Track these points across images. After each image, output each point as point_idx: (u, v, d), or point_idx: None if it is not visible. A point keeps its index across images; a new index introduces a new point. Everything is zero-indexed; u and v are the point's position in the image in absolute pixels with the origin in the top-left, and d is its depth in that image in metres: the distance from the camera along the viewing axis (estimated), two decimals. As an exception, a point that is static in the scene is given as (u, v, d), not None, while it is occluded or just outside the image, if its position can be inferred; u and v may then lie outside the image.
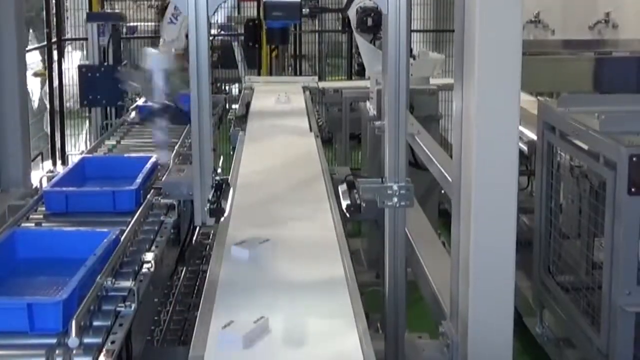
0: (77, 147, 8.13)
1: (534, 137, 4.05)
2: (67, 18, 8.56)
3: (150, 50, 3.05)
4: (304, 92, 5.75)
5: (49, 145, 7.68)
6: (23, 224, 2.69)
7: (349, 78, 8.68)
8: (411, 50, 2.13)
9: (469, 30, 2.29)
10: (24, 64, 3.96)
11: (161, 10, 3.39)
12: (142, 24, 8.78)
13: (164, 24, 3.33)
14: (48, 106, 7.95)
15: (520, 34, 2.25)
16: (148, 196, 2.92)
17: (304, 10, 2.31)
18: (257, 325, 1.88)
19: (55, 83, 7.72)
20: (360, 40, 5.61)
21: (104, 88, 5.07)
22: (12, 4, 3.80)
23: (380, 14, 5.11)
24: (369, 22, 5.44)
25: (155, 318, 3.26)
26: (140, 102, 4.82)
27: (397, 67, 2.26)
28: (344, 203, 2.34)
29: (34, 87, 8.89)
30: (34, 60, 8.64)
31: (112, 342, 1.90)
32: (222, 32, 8.99)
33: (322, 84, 6.56)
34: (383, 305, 2.63)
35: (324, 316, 2.02)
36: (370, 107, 5.34)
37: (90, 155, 3.65)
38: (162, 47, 3.23)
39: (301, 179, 3.30)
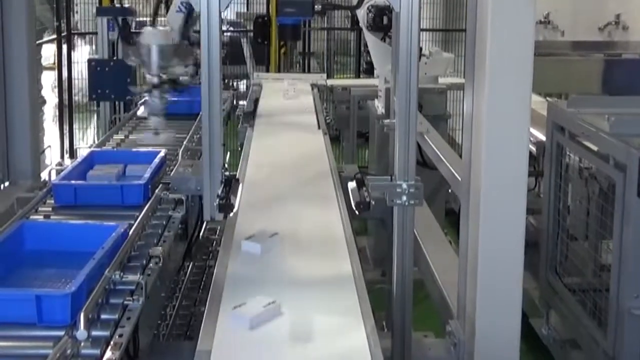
0: (85, 140, 8.15)
1: (542, 137, 4.04)
2: (77, 12, 8.57)
3: (148, 28, 3.15)
4: (312, 89, 5.74)
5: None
6: (32, 216, 2.70)
7: (357, 76, 8.67)
8: (420, 49, 2.12)
9: (481, 31, 2.28)
10: (34, 56, 3.96)
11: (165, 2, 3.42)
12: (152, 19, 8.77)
13: (172, 13, 3.37)
14: (57, 99, 7.95)
15: (532, 36, 2.25)
16: (156, 191, 2.92)
17: (316, 6, 2.29)
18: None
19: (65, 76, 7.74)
20: (370, 39, 5.60)
21: (112, 82, 5.07)
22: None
23: (391, 13, 5.11)
24: (383, 20, 5.41)
25: (162, 312, 3.26)
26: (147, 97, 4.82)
27: (409, 65, 2.25)
28: (354, 200, 2.33)
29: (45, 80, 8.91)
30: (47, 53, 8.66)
31: (120, 336, 1.91)
32: (231, 29, 8.99)
33: (330, 82, 6.55)
34: (389, 303, 2.63)
35: (332, 314, 2.02)
36: (379, 106, 5.33)
37: (99, 149, 3.65)
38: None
39: (309, 176, 3.29)
